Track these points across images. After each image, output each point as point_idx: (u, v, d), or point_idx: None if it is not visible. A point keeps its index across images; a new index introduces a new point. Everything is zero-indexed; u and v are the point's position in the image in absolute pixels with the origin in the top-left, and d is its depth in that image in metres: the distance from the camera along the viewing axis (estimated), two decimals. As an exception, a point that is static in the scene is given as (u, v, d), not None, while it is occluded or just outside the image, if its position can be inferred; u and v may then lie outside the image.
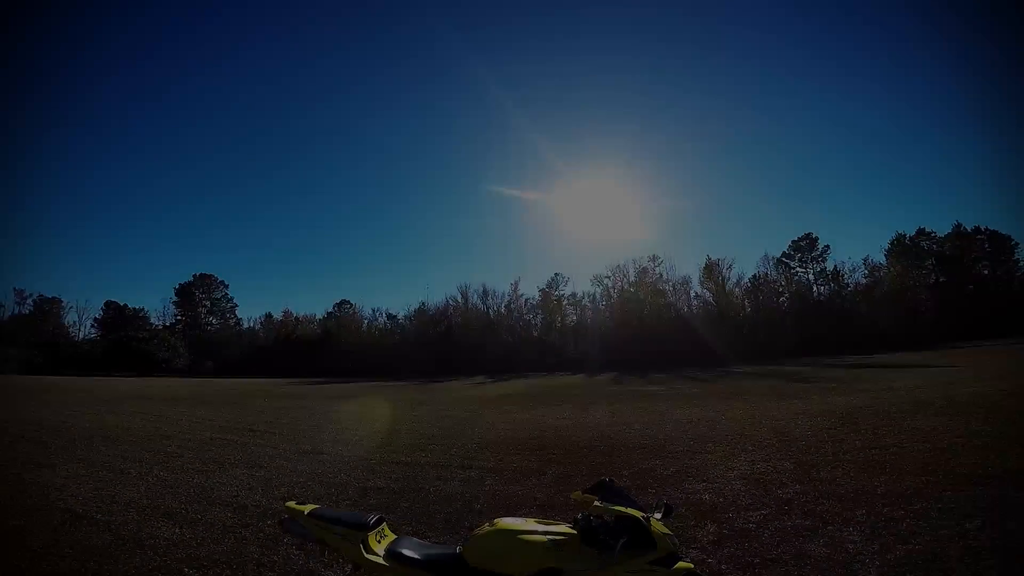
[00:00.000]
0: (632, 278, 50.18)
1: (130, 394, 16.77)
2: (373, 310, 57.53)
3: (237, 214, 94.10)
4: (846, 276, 46.00)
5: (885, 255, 47.06)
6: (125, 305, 57.50)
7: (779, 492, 4.99)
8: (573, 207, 79.44)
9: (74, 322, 55.95)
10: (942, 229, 47.35)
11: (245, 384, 26.68)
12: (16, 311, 50.78)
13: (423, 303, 53.47)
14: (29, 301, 52.36)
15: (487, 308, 51.98)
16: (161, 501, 5.09)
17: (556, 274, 54.71)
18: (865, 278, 45.27)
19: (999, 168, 68.88)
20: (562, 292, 53.65)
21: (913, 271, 44.30)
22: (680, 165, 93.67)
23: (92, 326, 56.30)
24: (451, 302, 52.65)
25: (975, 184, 68.98)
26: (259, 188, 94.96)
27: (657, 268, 50.23)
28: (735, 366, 27.56)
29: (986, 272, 45.07)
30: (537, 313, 52.94)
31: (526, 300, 53.07)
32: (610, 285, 51.22)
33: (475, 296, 52.93)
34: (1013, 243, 44.94)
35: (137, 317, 56.00)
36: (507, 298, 52.86)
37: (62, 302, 55.20)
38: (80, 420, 9.86)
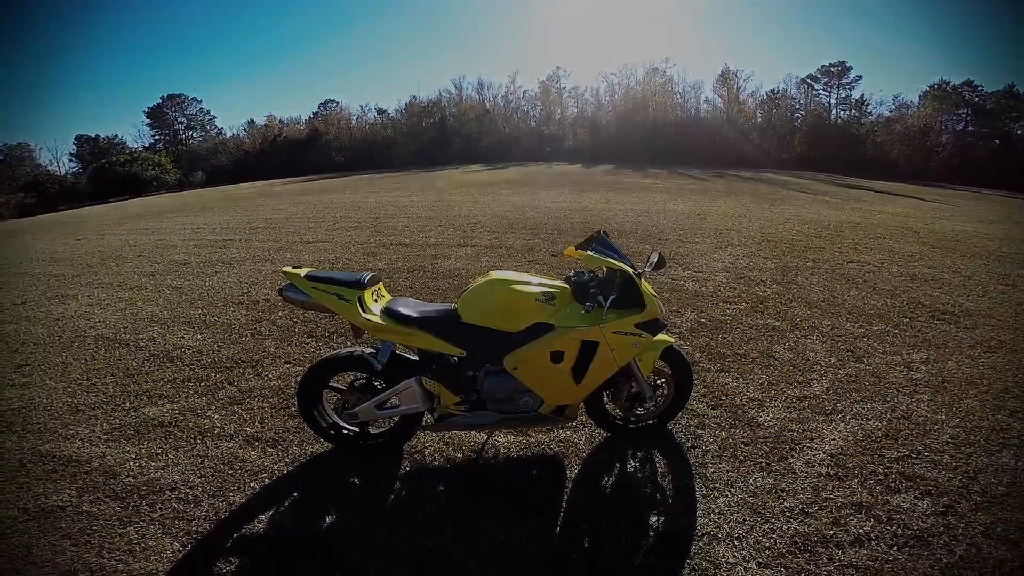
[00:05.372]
0: (640, 76, 45.09)
1: (127, 215, 15.60)
2: (361, 106, 53.24)
3: (197, 22, 79.04)
4: (871, 107, 41.86)
5: (920, 97, 41.80)
6: (97, 136, 52.81)
7: (757, 290, 5.23)
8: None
9: (50, 161, 52.98)
10: (992, 88, 41.16)
11: (238, 189, 24.99)
12: (-13, 163, 46.38)
13: (414, 96, 49.35)
14: (-4, 152, 47.63)
15: (483, 100, 48.30)
16: (179, 310, 5.08)
17: (557, 67, 50.89)
18: (890, 112, 41.17)
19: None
20: (563, 86, 49.10)
21: (942, 115, 39.93)
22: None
23: (70, 161, 52.52)
24: (444, 94, 48.62)
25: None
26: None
27: (668, 70, 45.02)
28: (736, 170, 26.77)
29: (1020, 132, 40.68)
30: (536, 105, 49.17)
31: (524, 92, 49.09)
32: (616, 82, 46.39)
33: (470, 88, 49.23)
34: (1065, 114, 39.39)
35: (113, 144, 51.43)
36: (504, 90, 49.07)
37: (30, 145, 51.96)
38: (87, 246, 9.31)
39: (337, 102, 54.80)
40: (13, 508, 2.36)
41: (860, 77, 44.60)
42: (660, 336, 2.51)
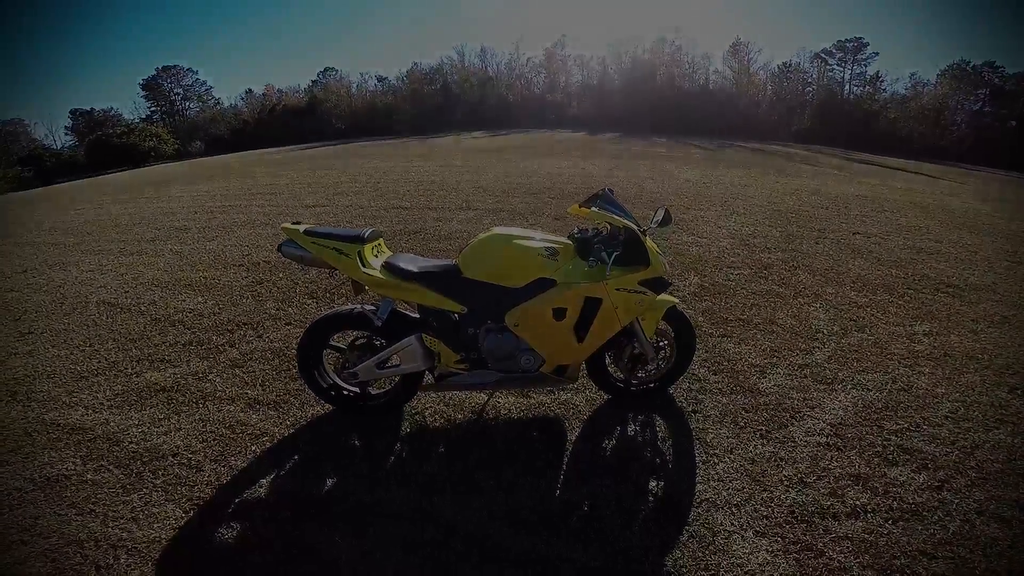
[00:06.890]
0: (648, 46, 43.73)
1: (127, 185, 15.18)
2: (361, 74, 53.47)
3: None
4: (885, 84, 40.73)
5: (937, 76, 40.33)
6: (92, 109, 51.39)
7: (761, 256, 5.16)
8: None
9: (46, 135, 52.35)
10: (1014, 70, 39.56)
11: (237, 158, 24.41)
12: (-19, 142, 45.21)
13: (416, 63, 48.60)
14: (-11, 130, 46.52)
15: (485, 67, 47.70)
16: (180, 274, 5.01)
17: (563, 35, 50.00)
18: (906, 90, 40.00)
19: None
20: (568, 53, 48.01)
21: (959, 95, 38.42)
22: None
23: (66, 135, 51.50)
24: (447, 61, 47.96)
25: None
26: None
27: (677, 41, 43.48)
28: (743, 141, 26.20)
29: (1039, 114, 39.71)
30: (540, 72, 48.19)
31: (528, 59, 48.15)
32: (623, 51, 44.98)
33: (473, 55, 48.79)
34: (1090, 96, 37.79)
35: (109, 117, 50.24)
36: (508, 57, 48.53)
37: (25, 121, 50.98)
38: (87, 216, 9.12)
39: (337, 70, 53.63)
40: (19, 478, 2.36)
41: (876, 54, 43.47)
42: (664, 296, 2.45)
